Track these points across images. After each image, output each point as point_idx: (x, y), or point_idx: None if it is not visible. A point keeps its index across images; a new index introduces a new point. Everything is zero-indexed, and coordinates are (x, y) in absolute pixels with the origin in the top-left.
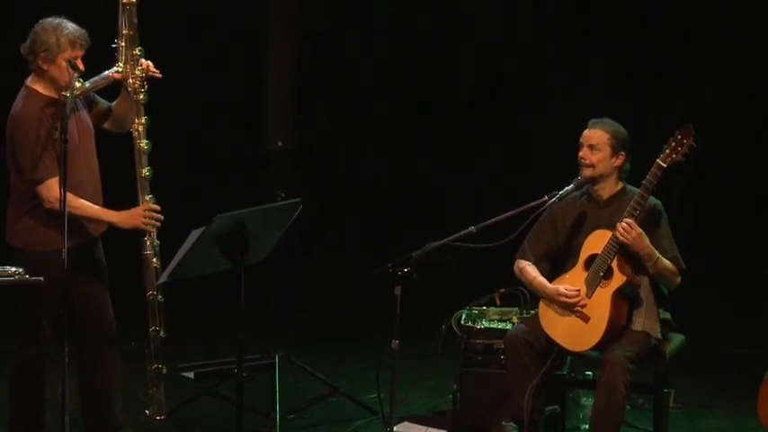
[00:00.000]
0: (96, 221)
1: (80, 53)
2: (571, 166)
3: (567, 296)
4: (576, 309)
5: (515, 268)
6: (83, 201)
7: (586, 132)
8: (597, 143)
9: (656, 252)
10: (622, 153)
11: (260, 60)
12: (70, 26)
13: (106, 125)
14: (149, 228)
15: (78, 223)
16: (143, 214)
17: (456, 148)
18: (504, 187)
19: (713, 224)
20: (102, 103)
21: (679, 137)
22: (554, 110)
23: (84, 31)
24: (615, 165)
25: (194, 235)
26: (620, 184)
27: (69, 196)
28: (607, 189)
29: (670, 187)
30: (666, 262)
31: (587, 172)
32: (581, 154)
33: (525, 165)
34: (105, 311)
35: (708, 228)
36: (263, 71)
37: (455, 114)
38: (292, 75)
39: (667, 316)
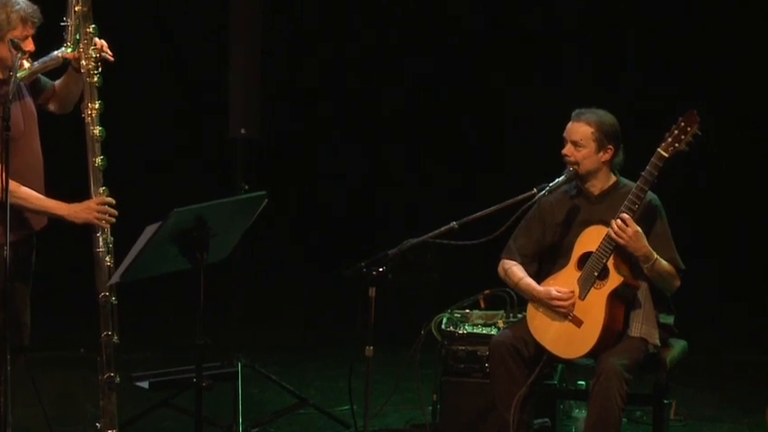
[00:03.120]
0: (41, 214)
1: (31, 31)
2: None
3: (560, 299)
4: (569, 312)
5: (500, 269)
6: (29, 191)
7: (569, 126)
8: (580, 139)
9: (654, 253)
10: (610, 147)
11: (223, 41)
12: (21, 1)
13: (50, 106)
14: (102, 223)
15: (20, 216)
16: (96, 208)
17: (433, 143)
18: (485, 185)
19: (716, 222)
20: (47, 82)
21: (682, 124)
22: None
23: (36, 7)
24: (603, 160)
25: (149, 231)
26: (613, 178)
27: (14, 185)
28: (598, 184)
29: (671, 180)
30: (665, 263)
31: (573, 169)
32: (564, 150)
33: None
34: (23, 314)
35: (711, 226)
36: (227, 52)
37: (430, 109)
38: (257, 57)
39: (669, 320)
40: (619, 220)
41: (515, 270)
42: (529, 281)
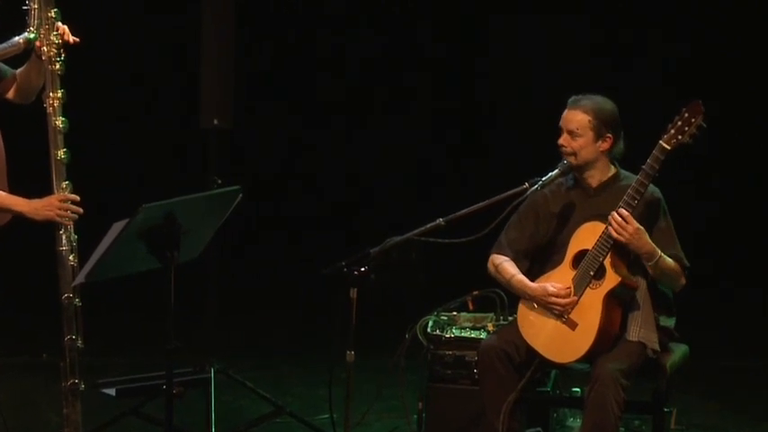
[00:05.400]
0: (1, 211)
1: None
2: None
3: (556, 295)
4: (566, 312)
5: (490, 265)
6: None
7: (565, 114)
8: (577, 128)
9: (658, 250)
10: (609, 135)
11: (194, 23)
12: None
13: (10, 95)
14: (65, 220)
15: None
16: (58, 205)
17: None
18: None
19: (720, 218)
20: (7, 71)
21: (686, 115)
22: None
23: None
24: (601, 149)
25: (116, 228)
26: (613, 169)
27: None
28: (596, 176)
29: (672, 174)
30: (669, 261)
31: (569, 160)
32: (560, 140)
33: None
34: None
35: (715, 222)
36: (198, 36)
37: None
38: (230, 41)
39: (669, 323)
40: (617, 216)
41: (507, 266)
42: (521, 278)
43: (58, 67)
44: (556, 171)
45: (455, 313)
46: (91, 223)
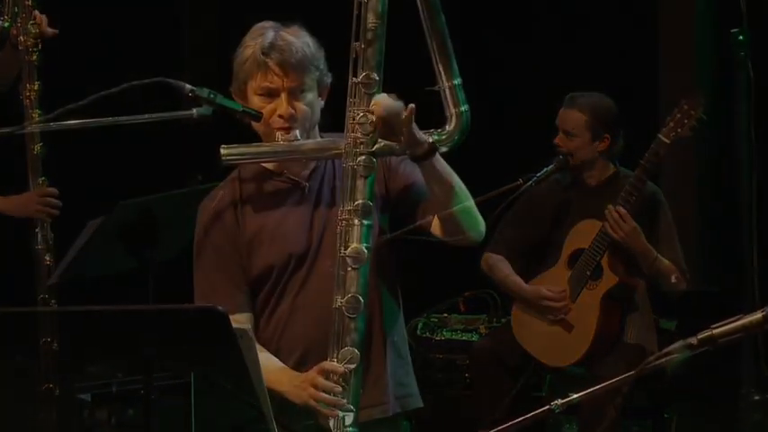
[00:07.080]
0: None
1: None
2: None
3: (551, 299)
4: (561, 315)
5: (483, 263)
6: None
7: (561, 113)
8: (572, 128)
9: (654, 250)
10: (606, 135)
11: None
12: None
13: None
14: (44, 216)
15: None
16: (38, 200)
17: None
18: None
19: (721, 213)
20: None
21: (685, 107)
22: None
23: None
24: (599, 150)
25: (91, 227)
26: (612, 167)
27: None
28: (595, 175)
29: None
30: (666, 263)
31: (563, 157)
32: (556, 140)
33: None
34: None
35: (716, 217)
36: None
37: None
38: (212, 27)
39: (670, 326)
40: (614, 213)
41: (501, 265)
42: (516, 278)
43: (35, 57)
44: (551, 167)
45: (446, 315)
46: (68, 222)
